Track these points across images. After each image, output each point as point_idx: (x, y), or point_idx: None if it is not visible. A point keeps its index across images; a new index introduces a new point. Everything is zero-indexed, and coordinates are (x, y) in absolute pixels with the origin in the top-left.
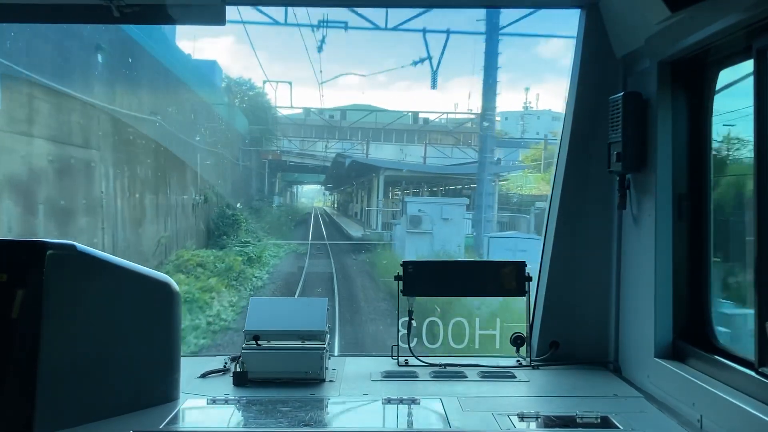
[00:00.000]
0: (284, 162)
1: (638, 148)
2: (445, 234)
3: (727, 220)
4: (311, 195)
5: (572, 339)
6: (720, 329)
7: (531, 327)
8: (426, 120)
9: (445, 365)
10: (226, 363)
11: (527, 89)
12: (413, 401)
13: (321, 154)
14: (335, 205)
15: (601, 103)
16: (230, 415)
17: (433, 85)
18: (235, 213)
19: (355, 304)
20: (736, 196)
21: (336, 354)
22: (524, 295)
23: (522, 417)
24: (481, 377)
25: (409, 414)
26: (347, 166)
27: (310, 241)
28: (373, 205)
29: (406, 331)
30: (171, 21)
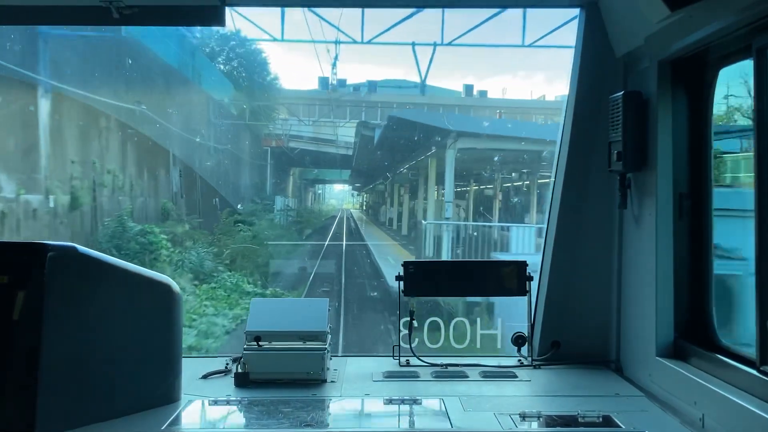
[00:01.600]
0: (293, 151)
1: (638, 148)
2: None
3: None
4: (341, 196)
5: (574, 338)
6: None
7: (532, 326)
8: (483, 93)
9: (447, 365)
10: (227, 364)
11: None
12: (415, 401)
13: (342, 139)
14: (364, 207)
15: (601, 103)
16: (232, 415)
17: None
18: (148, 230)
19: None
20: None
21: (337, 354)
22: (525, 295)
23: (524, 416)
24: (483, 377)
25: (411, 414)
26: (378, 139)
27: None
28: (429, 213)
29: (407, 332)
30: (170, 22)
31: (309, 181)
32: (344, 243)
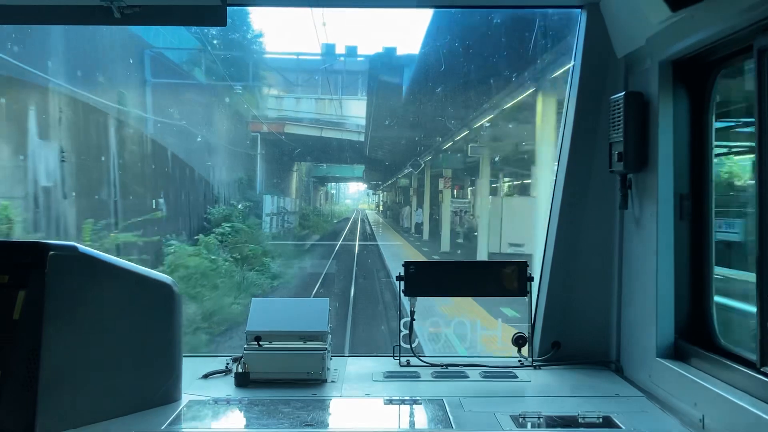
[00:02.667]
0: (292, 137)
1: (639, 148)
2: None
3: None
4: (357, 196)
5: (574, 339)
6: None
7: (533, 327)
8: None
9: (447, 365)
10: (227, 364)
11: None
12: (415, 401)
13: (352, 121)
14: (381, 208)
15: (602, 103)
16: (232, 415)
17: None
18: None
19: None
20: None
21: (338, 354)
22: (526, 295)
23: (524, 417)
24: (483, 377)
25: (411, 414)
26: (415, 72)
27: None
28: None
29: (407, 332)
30: (171, 22)
31: (318, 179)
32: (357, 242)
